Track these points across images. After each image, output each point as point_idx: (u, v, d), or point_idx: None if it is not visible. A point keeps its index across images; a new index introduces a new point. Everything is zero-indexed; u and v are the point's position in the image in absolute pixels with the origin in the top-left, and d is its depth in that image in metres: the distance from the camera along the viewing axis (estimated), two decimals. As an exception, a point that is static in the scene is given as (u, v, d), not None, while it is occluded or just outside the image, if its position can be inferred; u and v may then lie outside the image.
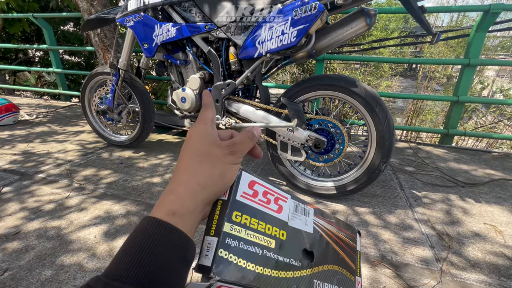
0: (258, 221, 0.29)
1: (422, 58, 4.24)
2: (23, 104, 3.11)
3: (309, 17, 1.03)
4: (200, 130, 0.30)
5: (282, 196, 0.32)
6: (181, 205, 0.26)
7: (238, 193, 0.29)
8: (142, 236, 0.24)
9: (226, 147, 0.29)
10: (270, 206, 0.31)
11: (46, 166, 1.60)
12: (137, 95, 1.70)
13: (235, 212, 0.28)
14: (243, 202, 0.29)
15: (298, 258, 0.32)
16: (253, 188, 0.30)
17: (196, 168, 0.28)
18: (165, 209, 0.26)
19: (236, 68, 1.32)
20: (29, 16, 2.92)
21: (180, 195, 0.26)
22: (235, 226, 0.27)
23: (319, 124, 1.23)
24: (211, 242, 0.26)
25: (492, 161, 1.80)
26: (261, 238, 0.29)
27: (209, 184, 0.27)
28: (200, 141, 0.29)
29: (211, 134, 0.30)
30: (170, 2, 1.35)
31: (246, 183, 0.30)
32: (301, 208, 0.34)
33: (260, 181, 0.31)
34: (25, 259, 0.92)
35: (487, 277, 0.89)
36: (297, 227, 0.33)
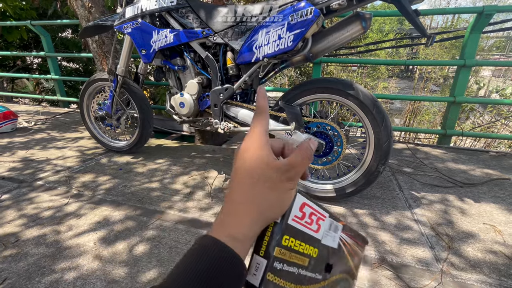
0: (300, 242, 0.30)
1: (418, 60, 4.28)
2: (22, 111, 3.11)
3: (305, 22, 1.05)
4: (255, 148, 0.27)
5: (321, 215, 0.33)
6: (241, 231, 0.26)
7: (291, 216, 0.29)
8: (203, 257, 0.23)
9: (284, 172, 0.27)
10: (312, 226, 0.31)
11: (45, 173, 1.60)
12: (136, 101, 1.70)
13: (285, 236, 0.28)
14: (293, 226, 0.29)
15: (321, 272, 0.33)
16: (303, 211, 0.30)
17: (255, 193, 0.27)
18: (226, 232, 0.25)
19: (234, 72, 1.33)
20: (27, 24, 2.93)
21: (241, 219, 0.26)
22: (283, 250, 0.28)
23: (317, 127, 1.24)
24: (260, 263, 0.27)
25: (490, 160, 1.81)
26: (299, 258, 0.29)
27: (267, 211, 0.27)
28: (256, 162, 0.27)
29: (267, 153, 0.27)
30: (168, 8, 1.36)
31: (298, 205, 0.30)
32: (334, 225, 0.35)
33: (309, 202, 0.31)
34: (24, 267, 0.91)
35: (487, 277, 0.89)
36: (327, 244, 0.33)
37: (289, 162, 0.27)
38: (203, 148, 2.02)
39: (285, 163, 0.27)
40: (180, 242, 1.03)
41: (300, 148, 0.28)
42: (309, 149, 0.29)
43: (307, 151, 0.28)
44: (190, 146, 2.07)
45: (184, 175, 1.57)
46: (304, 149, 0.28)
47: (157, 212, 1.22)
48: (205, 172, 1.61)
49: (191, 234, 1.08)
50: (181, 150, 1.97)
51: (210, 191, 1.40)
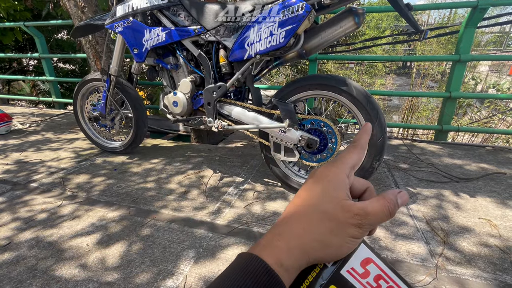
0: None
1: (414, 56, 4.29)
2: (17, 113, 3.09)
3: (297, 18, 1.04)
4: (333, 177, 0.25)
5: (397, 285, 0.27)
6: (289, 259, 0.23)
7: (346, 267, 0.25)
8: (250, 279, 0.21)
9: (354, 216, 0.23)
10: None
11: (38, 175, 1.59)
12: (130, 101, 1.69)
13: (332, 286, 0.24)
14: (346, 279, 0.25)
15: None
16: (366, 267, 0.26)
17: (314, 226, 0.24)
18: (273, 256, 0.23)
19: (227, 70, 1.32)
20: (20, 25, 2.91)
21: (290, 247, 0.24)
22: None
23: (311, 124, 1.23)
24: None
25: (486, 155, 1.81)
26: None
27: (320, 251, 0.24)
28: (328, 193, 0.24)
29: (343, 188, 0.25)
30: (159, 6, 1.35)
31: (360, 258, 0.25)
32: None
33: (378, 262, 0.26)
34: (16, 270, 0.90)
35: (482, 272, 0.89)
36: None
37: (364, 207, 0.24)
38: (198, 147, 2.01)
39: (360, 207, 0.24)
40: (173, 242, 1.02)
41: (384, 197, 0.24)
42: (394, 203, 0.24)
43: (391, 203, 0.24)
44: (185, 146, 2.06)
45: (179, 175, 1.56)
46: (388, 200, 0.24)
47: (151, 212, 1.22)
48: (201, 171, 1.60)
49: (185, 234, 1.07)
50: (177, 149, 1.96)
51: (205, 190, 1.39)
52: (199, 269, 0.90)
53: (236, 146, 2.06)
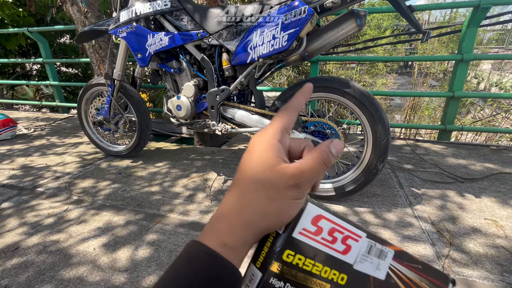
0: (314, 262, 0.25)
1: (416, 56, 4.27)
2: (22, 118, 3.12)
3: (299, 21, 1.04)
4: (262, 146, 0.24)
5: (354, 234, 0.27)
6: (231, 237, 0.23)
7: (297, 229, 0.25)
8: (192, 264, 0.22)
9: (291, 178, 0.23)
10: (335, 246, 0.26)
11: (44, 179, 1.60)
12: (133, 105, 1.70)
13: (287, 251, 0.24)
14: (300, 240, 0.25)
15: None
16: (318, 224, 0.26)
17: (251, 198, 0.23)
18: (215, 238, 0.23)
19: (229, 74, 1.32)
20: (24, 31, 2.94)
21: (232, 225, 0.23)
22: (284, 267, 0.24)
23: (314, 126, 1.24)
24: (255, 275, 0.24)
25: (491, 155, 1.80)
26: (314, 282, 0.25)
27: (263, 221, 0.23)
28: (260, 162, 0.23)
29: (275, 154, 0.23)
30: (162, 11, 1.36)
31: (310, 217, 0.25)
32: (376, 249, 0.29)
33: (329, 216, 0.26)
34: (24, 274, 0.91)
35: (489, 273, 0.88)
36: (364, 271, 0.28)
37: (298, 166, 0.23)
38: (202, 150, 2.02)
39: (294, 167, 0.23)
40: (179, 246, 1.03)
41: (316, 150, 0.24)
42: (326, 153, 0.23)
43: (323, 154, 0.23)
44: (189, 148, 2.07)
45: (183, 178, 1.57)
46: (320, 151, 0.23)
47: (157, 215, 1.22)
48: (205, 174, 1.61)
49: (190, 237, 1.07)
50: (181, 152, 1.97)
51: (209, 193, 1.40)
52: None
53: (239, 148, 2.06)
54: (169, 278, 0.22)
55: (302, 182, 0.23)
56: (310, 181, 0.23)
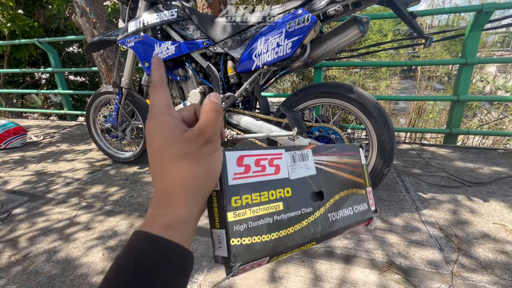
0: (259, 193, 0.28)
1: (420, 60, 4.27)
2: (32, 125, 3.19)
3: (303, 29, 1.07)
4: (159, 126, 0.25)
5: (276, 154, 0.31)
6: (174, 217, 0.24)
7: (229, 177, 0.27)
8: (134, 254, 0.22)
9: (198, 138, 0.25)
10: (267, 171, 0.29)
11: (54, 186, 1.63)
12: (140, 112, 1.74)
13: (233, 198, 0.26)
14: (237, 184, 0.27)
15: (309, 204, 0.31)
16: (243, 164, 0.28)
17: (178, 173, 0.24)
18: (157, 223, 0.24)
19: (235, 81, 1.35)
20: (35, 41, 3.03)
21: (172, 206, 0.24)
22: (238, 211, 0.26)
23: (319, 131, 1.25)
24: (220, 235, 0.26)
25: (498, 158, 1.78)
26: (268, 207, 0.28)
27: (198, 186, 0.25)
28: (166, 140, 0.25)
29: (174, 127, 0.25)
30: (169, 21, 1.40)
31: (234, 162, 0.28)
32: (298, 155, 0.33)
33: (249, 152, 0.29)
34: (35, 280, 0.93)
35: (499, 279, 0.87)
36: (300, 176, 0.32)
37: (199, 126, 0.25)
38: (207, 156, 2.03)
39: (195, 128, 0.25)
40: (187, 251, 1.04)
41: (204, 106, 0.26)
42: (212, 103, 0.26)
43: (210, 105, 0.26)
44: (194, 155, 2.09)
45: (189, 184, 1.58)
46: (208, 104, 0.26)
47: (163, 221, 1.23)
48: (210, 180, 1.62)
49: (197, 242, 1.08)
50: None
51: (216, 199, 1.41)
52: (213, 277, 0.91)
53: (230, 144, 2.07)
54: (113, 271, 0.22)
55: (209, 136, 0.25)
56: (215, 131, 0.26)
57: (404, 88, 10.18)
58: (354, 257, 0.98)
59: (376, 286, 0.86)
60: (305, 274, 0.91)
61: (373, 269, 0.92)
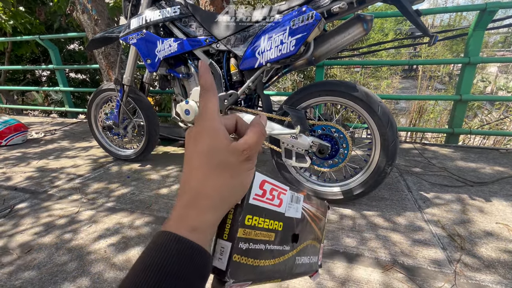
0: (264, 219, 0.30)
1: (422, 59, 4.25)
2: (32, 122, 3.19)
3: (307, 26, 1.06)
4: (209, 131, 0.25)
5: (282, 189, 0.33)
6: (202, 221, 0.25)
7: (252, 195, 0.28)
8: (161, 253, 0.22)
9: (242, 153, 0.26)
10: (274, 202, 0.32)
11: (56, 182, 1.63)
12: (142, 110, 1.73)
13: (247, 216, 0.28)
14: (254, 205, 0.29)
15: (288, 243, 0.34)
16: (263, 188, 0.30)
17: (217, 181, 0.25)
18: (185, 225, 0.24)
19: (237, 78, 1.34)
20: (36, 38, 3.02)
21: (202, 210, 0.25)
22: (247, 230, 0.28)
23: (322, 129, 1.24)
24: (224, 247, 0.27)
25: (500, 158, 1.78)
26: (265, 235, 0.30)
27: (230, 196, 0.26)
28: (213, 147, 0.25)
29: (224, 136, 0.26)
30: (171, 18, 1.39)
31: (258, 183, 0.29)
32: (295, 197, 0.36)
33: (269, 179, 0.31)
34: (37, 276, 0.93)
35: (502, 278, 0.87)
36: (291, 216, 0.35)
37: (245, 142, 0.26)
38: (209, 154, 2.03)
39: (242, 143, 0.26)
40: (189, 248, 1.04)
41: (253, 126, 0.28)
42: (261, 125, 0.28)
43: (259, 126, 0.28)
44: (196, 153, 2.08)
45: (191, 181, 1.58)
46: (257, 125, 0.28)
47: (165, 218, 1.23)
48: (212, 178, 1.62)
49: (199, 240, 1.08)
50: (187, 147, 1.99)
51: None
52: (215, 275, 0.91)
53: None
54: (139, 269, 0.22)
55: (251, 154, 0.27)
56: (256, 152, 0.27)
57: (404, 87, 10.16)
58: (357, 256, 0.98)
59: (379, 284, 0.86)
60: (307, 272, 0.91)
61: (376, 268, 0.92)
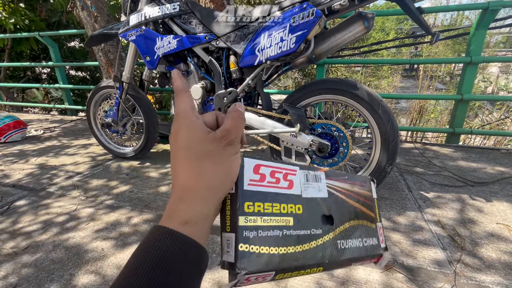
0: (271, 204, 0.29)
1: (423, 58, 4.24)
2: (32, 120, 3.18)
3: (307, 23, 1.05)
4: (185, 126, 0.27)
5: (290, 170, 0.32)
6: (193, 213, 0.25)
7: (245, 182, 0.28)
8: (154, 247, 0.23)
9: (222, 139, 0.27)
10: (280, 184, 0.30)
11: (54, 180, 1.62)
12: (141, 107, 1.72)
13: (246, 203, 0.27)
14: (252, 190, 0.28)
15: (319, 226, 0.32)
16: (259, 172, 0.29)
17: (199, 170, 0.26)
18: (176, 219, 0.25)
19: (237, 76, 1.33)
20: (35, 35, 3.01)
21: (191, 202, 0.25)
22: (249, 217, 0.27)
23: (322, 128, 1.23)
24: (229, 239, 0.26)
25: (501, 158, 1.77)
26: (279, 220, 0.29)
27: (217, 185, 0.26)
28: (191, 139, 0.26)
29: (200, 129, 0.27)
30: (171, 15, 1.38)
31: (251, 169, 0.29)
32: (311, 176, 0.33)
33: (265, 163, 0.30)
34: (34, 274, 0.92)
35: (503, 279, 0.86)
36: (312, 196, 0.32)
37: (223, 128, 0.27)
38: (208, 152, 2.02)
39: (220, 130, 0.27)
40: (187, 247, 1.03)
41: (230, 112, 0.28)
42: (238, 111, 0.28)
43: (236, 113, 0.28)
44: (195, 151, 2.07)
45: (190, 180, 1.57)
46: (233, 111, 0.28)
47: (163, 217, 1.23)
48: (211, 176, 1.61)
49: (198, 239, 1.07)
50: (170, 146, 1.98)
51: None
52: (213, 274, 0.90)
53: (245, 150, 2.06)
54: (133, 263, 0.22)
55: (232, 139, 0.27)
56: (237, 136, 0.28)
57: (404, 87, 10.14)
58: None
59: (379, 284, 0.85)
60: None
61: (375, 268, 0.91)
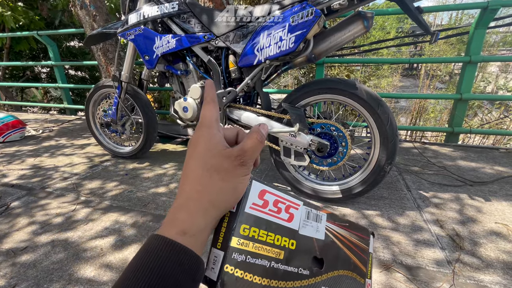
0: (267, 232, 0.28)
1: (423, 58, 4.24)
2: (30, 119, 3.17)
3: (306, 23, 1.04)
4: (206, 136, 0.27)
5: (294, 203, 0.31)
6: (192, 224, 0.25)
7: (247, 204, 0.27)
8: (151, 257, 0.23)
9: (236, 158, 0.26)
10: (281, 215, 0.29)
11: (53, 180, 1.62)
12: (140, 107, 1.72)
13: (243, 226, 0.27)
14: (251, 214, 0.27)
15: (307, 267, 0.31)
16: (263, 198, 0.29)
17: (207, 183, 0.26)
18: (175, 228, 0.25)
19: (236, 76, 1.33)
20: (34, 34, 3.00)
21: (192, 213, 0.25)
22: (242, 240, 0.26)
23: (321, 128, 1.23)
24: (217, 256, 0.26)
25: (500, 158, 1.77)
26: (269, 250, 0.28)
27: (221, 201, 0.26)
28: (208, 150, 0.26)
29: (219, 141, 0.27)
30: (169, 14, 1.38)
31: (256, 193, 0.28)
32: (313, 214, 0.33)
33: (271, 190, 0.30)
34: (33, 274, 0.92)
35: (501, 278, 0.86)
36: (308, 235, 0.32)
37: (241, 147, 0.27)
38: (207, 152, 2.02)
39: (237, 149, 0.27)
40: (186, 247, 1.03)
41: (251, 133, 0.28)
42: (260, 133, 0.28)
43: (258, 134, 0.28)
44: (194, 150, 2.07)
45: (189, 179, 1.57)
46: (255, 133, 0.28)
47: (163, 217, 1.23)
48: (210, 176, 1.61)
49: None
50: (186, 154, 1.98)
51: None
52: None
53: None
54: (130, 272, 0.22)
55: (246, 160, 0.27)
56: (252, 158, 0.27)
57: (404, 86, 10.12)
58: (355, 255, 0.97)
59: (378, 284, 0.85)
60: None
61: (375, 267, 0.92)
